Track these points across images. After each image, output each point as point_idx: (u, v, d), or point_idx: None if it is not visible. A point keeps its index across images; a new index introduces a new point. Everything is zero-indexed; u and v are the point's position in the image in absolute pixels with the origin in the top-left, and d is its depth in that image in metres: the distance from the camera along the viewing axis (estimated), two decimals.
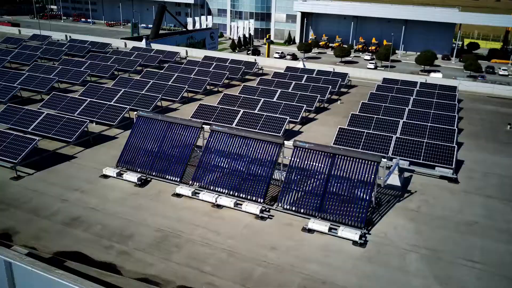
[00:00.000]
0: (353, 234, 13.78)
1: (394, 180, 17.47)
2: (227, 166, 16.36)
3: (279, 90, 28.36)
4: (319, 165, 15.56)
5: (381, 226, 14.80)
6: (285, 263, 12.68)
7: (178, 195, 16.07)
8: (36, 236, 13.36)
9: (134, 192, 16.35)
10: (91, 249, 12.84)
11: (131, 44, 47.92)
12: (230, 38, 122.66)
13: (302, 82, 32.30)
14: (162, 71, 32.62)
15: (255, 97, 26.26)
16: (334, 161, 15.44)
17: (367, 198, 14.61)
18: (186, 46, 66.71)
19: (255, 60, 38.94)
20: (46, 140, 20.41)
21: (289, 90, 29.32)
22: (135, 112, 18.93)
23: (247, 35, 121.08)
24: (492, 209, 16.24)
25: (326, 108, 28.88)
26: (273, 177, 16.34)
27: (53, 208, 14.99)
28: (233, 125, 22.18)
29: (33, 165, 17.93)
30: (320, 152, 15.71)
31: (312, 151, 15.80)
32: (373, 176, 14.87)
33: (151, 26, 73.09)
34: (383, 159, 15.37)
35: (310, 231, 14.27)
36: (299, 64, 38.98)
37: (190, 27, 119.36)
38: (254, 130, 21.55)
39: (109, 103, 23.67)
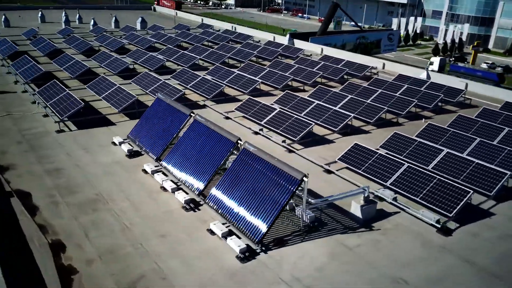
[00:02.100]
0: (237, 246, 12.98)
1: (356, 210, 15.04)
2: (191, 159, 17.10)
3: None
4: (247, 170, 14.84)
5: (286, 251, 13.31)
6: (155, 249, 13.16)
7: (145, 171, 17.70)
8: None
9: (119, 160, 18.72)
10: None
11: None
12: (443, 42, 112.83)
13: None
14: (391, 81, 31.24)
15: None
16: (259, 168, 14.53)
17: (272, 215, 13.34)
18: (354, 46, 65.39)
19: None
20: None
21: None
22: (157, 94, 21.24)
23: (456, 40, 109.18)
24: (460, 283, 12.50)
25: None
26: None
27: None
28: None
29: None
30: (254, 158, 14.97)
31: (249, 155, 15.19)
32: (287, 195, 13.43)
33: (360, 23, 72.14)
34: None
35: (212, 232, 14.00)
36: None
37: (394, 27, 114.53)
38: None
39: (334, 108, 24.04)
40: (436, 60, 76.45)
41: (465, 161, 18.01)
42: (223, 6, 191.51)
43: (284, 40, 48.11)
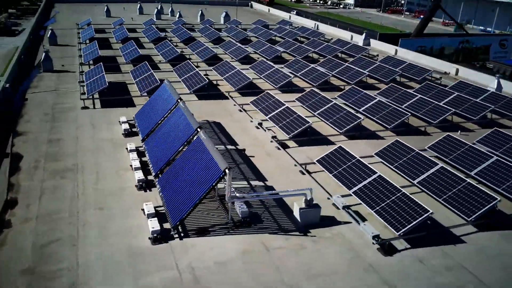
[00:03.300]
0: (151, 228, 13.16)
1: (296, 213, 14.12)
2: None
3: None
4: (191, 157, 14.87)
5: (201, 241, 13.17)
6: (86, 219, 14.07)
7: (128, 150, 18.74)
8: None
9: (113, 138, 20.04)
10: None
11: None
12: None
13: None
14: (444, 88, 28.06)
15: None
16: (199, 157, 14.48)
17: (191, 203, 13.25)
18: (456, 51, 59.51)
19: None
20: None
21: None
22: (165, 80, 22.17)
23: None
24: None
25: None
26: None
27: None
28: None
29: None
30: (200, 147, 15.05)
31: (198, 144, 15.26)
32: (207, 186, 13.19)
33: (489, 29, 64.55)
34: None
35: (148, 216, 14.32)
36: None
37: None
38: None
39: (347, 109, 22.82)
40: None
41: (456, 179, 15.68)
42: (341, 6, 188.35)
43: (359, 39, 45.97)
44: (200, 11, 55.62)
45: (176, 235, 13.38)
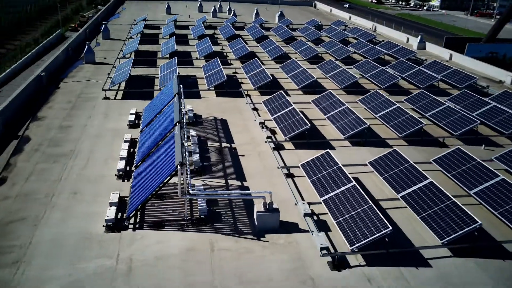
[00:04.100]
0: (106, 216, 13.44)
1: (254, 216, 13.63)
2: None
3: None
4: (163, 150, 14.99)
5: (152, 234, 13.25)
6: (57, 201, 14.78)
7: (125, 140, 19.34)
8: None
9: (118, 128, 20.78)
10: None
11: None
12: None
13: None
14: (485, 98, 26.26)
15: None
16: (166, 150, 14.55)
17: (144, 196, 13.34)
18: None
19: None
20: None
21: None
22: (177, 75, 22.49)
23: None
24: None
25: None
26: None
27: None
28: None
29: None
30: (171, 141, 15.20)
31: (172, 138, 15.39)
32: (161, 180, 13.18)
33: None
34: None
35: (111, 204, 14.64)
36: None
37: None
38: None
39: (353, 115, 21.92)
40: None
41: (443, 197, 14.18)
42: (424, 8, 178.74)
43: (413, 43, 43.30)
44: (256, 10, 55.87)
45: (131, 226, 13.62)
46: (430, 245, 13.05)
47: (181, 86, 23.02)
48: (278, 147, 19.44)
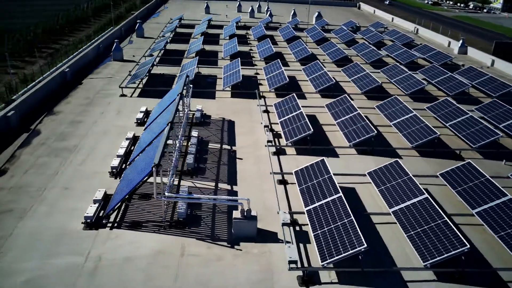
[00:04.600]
0: (86, 213, 13.57)
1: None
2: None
3: None
4: (149, 150, 14.93)
5: (128, 234, 13.25)
6: (47, 196, 15.16)
7: (127, 138, 19.54)
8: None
9: (126, 125, 21.06)
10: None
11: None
12: None
13: None
14: None
15: None
16: (149, 151, 14.48)
17: (122, 195, 13.32)
18: None
19: None
20: None
21: None
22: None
23: None
24: None
25: None
26: None
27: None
28: None
29: None
30: (157, 142, 15.13)
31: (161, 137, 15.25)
32: (138, 180, 13.09)
33: None
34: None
35: (95, 201, 14.75)
36: None
37: None
38: None
39: (361, 123, 21.15)
40: None
41: (435, 214, 13.11)
42: (484, 10, 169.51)
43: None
44: (293, 10, 55.15)
45: (110, 224, 13.68)
46: (412, 267, 12.12)
47: (191, 86, 23.09)
48: (279, 151, 18.92)
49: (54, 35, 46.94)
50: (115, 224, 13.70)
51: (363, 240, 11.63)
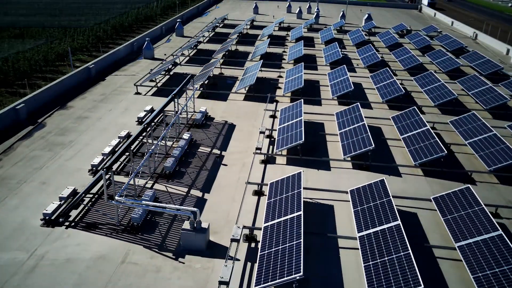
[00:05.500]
0: (45, 210, 13.64)
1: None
2: None
3: None
4: None
5: (78, 234, 13.14)
6: (26, 190, 15.51)
7: (119, 136, 19.59)
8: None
9: (128, 123, 21.16)
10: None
11: None
12: None
13: None
14: None
15: None
16: None
17: (76, 197, 13.16)
18: None
19: None
20: None
21: None
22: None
23: None
24: None
25: None
26: None
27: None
28: None
29: None
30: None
31: None
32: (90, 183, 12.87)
33: None
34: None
35: (60, 198, 14.88)
36: None
37: None
38: None
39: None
40: None
41: (400, 245, 11.59)
42: None
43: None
44: (342, 12, 53.18)
45: (67, 223, 13.66)
46: None
47: (196, 87, 22.75)
48: (268, 160, 18.00)
49: (123, 32, 49.09)
50: (72, 224, 13.69)
51: (301, 267, 10.54)
